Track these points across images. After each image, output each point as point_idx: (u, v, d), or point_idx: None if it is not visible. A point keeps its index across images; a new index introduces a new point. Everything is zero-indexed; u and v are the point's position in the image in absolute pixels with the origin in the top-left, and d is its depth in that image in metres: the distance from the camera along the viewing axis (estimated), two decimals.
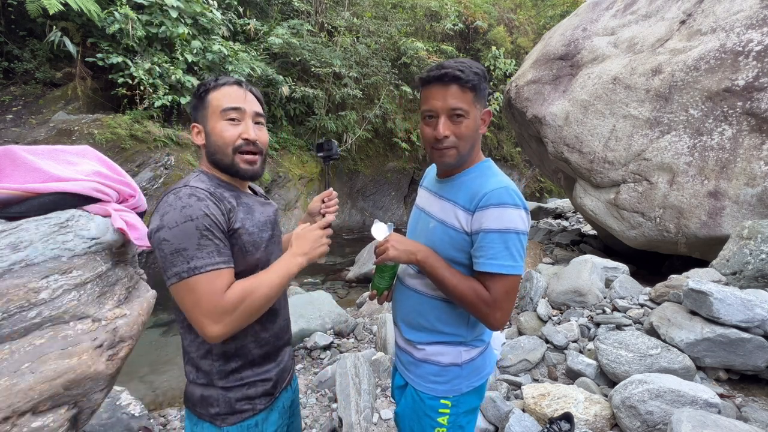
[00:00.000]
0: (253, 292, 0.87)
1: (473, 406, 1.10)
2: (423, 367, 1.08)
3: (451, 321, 1.05)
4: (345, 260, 6.91)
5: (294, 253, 0.98)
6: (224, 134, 0.95)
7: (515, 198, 0.93)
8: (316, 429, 2.27)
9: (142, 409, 2.21)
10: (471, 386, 1.06)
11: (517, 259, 0.93)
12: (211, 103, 0.96)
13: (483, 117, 0.99)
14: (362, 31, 10.24)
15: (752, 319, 2.04)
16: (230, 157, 0.96)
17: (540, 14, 16.37)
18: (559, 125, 4.25)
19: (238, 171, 0.98)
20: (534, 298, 3.32)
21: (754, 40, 3.25)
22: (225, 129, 0.95)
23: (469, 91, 0.93)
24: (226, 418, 0.95)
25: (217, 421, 0.95)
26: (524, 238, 0.94)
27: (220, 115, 0.95)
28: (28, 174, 1.24)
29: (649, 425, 1.75)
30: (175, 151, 6.35)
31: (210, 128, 0.97)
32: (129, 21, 5.87)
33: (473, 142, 0.99)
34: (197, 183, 0.92)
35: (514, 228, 0.91)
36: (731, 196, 3.18)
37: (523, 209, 0.95)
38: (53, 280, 1.15)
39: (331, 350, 3.23)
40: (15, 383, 0.99)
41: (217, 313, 0.83)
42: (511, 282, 0.93)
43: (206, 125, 0.97)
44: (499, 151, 14.58)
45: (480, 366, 1.08)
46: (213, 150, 0.97)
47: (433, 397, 1.06)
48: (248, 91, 1.00)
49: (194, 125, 1.01)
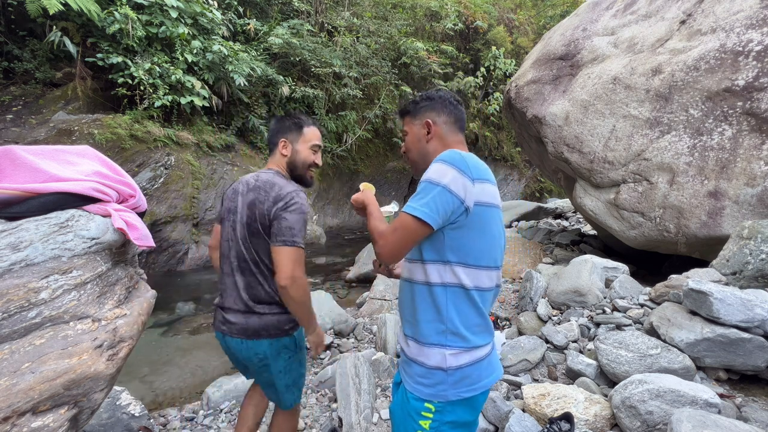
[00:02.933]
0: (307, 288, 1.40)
1: (461, 419, 1.05)
2: (412, 366, 1.07)
3: (424, 307, 1.05)
4: (345, 260, 6.91)
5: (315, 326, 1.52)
6: (308, 158, 1.54)
7: (445, 155, 1.04)
8: (316, 429, 2.27)
9: (142, 409, 2.21)
10: (459, 396, 1.01)
11: (420, 202, 1.00)
12: (305, 135, 1.53)
13: (423, 126, 1.19)
14: (362, 31, 10.24)
15: (752, 319, 2.04)
16: (304, 171, 1.55)
17: (540, 14, 16.38)
18: (559, 125, 4.25)
19: (305, 181, 1.57)
20: (534, 298, 3.32)
21: (754, 40, 3.25)
22: (309, 155, 1.54)
23: (406, 115, 1.24)
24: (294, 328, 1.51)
25: (291, 331, 1.50)
26: (435, 188, 0.99)
27: (310, 146, 1.53)
28: (28, 174, 1.24)
29: (649, 425, 1.75)
30: (175, 151, 6.35)
31: (298, 149, 1.52)
32: (129, 21, 5.87)
33: (420, 149, 1.20)
34: (294, 186, 1.44)
35: (429, 178, 1.02)
36: (731, 196, 3.18)
37: (448, 164, 1.01)
38: (53, 280, 1.15)
39: (331, 350, 3.23)
40: (15, 383, 0.99)
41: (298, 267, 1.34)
42: (404, 220, 1.01)
43: (296, 145, 1.52)
44: (499, 151, 14.58)
45: (471, 375, 1.03)
46: (295, 163, 1.53)
47: (417, 398, 1.04)
48: None
49: (284, 140, 1.52)
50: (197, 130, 6.99)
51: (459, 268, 1.03)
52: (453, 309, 1.03)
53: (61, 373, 1.06)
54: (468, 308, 1.04)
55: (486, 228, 1.04)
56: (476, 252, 1.03)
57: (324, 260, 6.98)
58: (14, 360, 1.03)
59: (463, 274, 1.03)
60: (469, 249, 1.03)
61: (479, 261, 1.04)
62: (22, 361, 1.03)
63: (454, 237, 1.02)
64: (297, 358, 1.56)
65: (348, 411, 2.17)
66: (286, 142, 1.51)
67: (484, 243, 1.05)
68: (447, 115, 1.19)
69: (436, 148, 1.16)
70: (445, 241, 1.02)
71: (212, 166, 6.96)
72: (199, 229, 6.53)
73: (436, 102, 1.19)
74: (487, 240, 1.05)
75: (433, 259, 1.04)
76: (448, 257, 1.03)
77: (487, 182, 1.05)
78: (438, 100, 1.20)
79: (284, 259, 1.30)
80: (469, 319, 1.04)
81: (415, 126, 1.21)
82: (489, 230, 1.05)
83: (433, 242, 1.04)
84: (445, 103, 1.19)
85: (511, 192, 15.04)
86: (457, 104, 1.21)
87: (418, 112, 1.21)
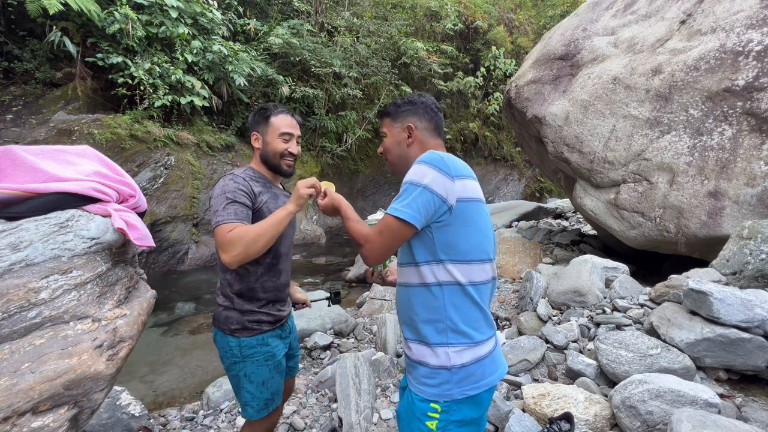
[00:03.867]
0: (248, 231, 1.24)
1: (467, 417, 1.05)
2: (416, 368, 1.08)
3: (423, 309, 1.06)
4: (345, 260, 6.91)
5: (285, 206, 1.32)
6: (277, 148, 1.47)
7: (424, 157, 1.05)
8: (316, 429, 2.27)
9: (142, 409, 2.21)
10: (464, 394, 1.02)
11: (402, 203, 1.01)
12: (272, 124, 1.47)
13: (404, 130, 1.20)
14: (362, 31, 10.24)
15: (752, 319, 2.04)
16: (277, 161, 1.48)
17: (540, 14, 16.37)
18: (559, 125, 4.25)
19: (282, 171, 1.50)
20: (534, 298, 3.32)
21: (754, 40, 3.25)
22: (278, 145, 1.47)
23: (386, 117, 1.24)
24: (241, 332, 1.42)
25: (237, 334, 1.42)
26: (416, 189, 1.01)
27: (278, 135, 1.46)
28: (28, 174, 1.24)
29: (649, 425, 1.75)
30: (175, 151, 6.35)
31: (268, 140, 1.47)
32: (129, 21, 5.87)
33: (400, 153, 1.21)
34: (239, 172, 1.42)
35: (410, 179, 1.03)
36: (731, 196, 3.18)
37: (428, 164, 1.02)
38: (53, 280, 1.15)
39: (331, 350, 3.23)
40: (15, 383, 0.99)
41: (225, 244, 1.23)
42: (388, 221, 1.03)
43: (265, 137, 1.48)
44: (499, 151, 14.58)
45: (475, 373, 1.04)
46: (266, 154, 1.48)
47: (423, 399, 1.04)
48: (295, 120, 1.53)
49: (255, 133, 1.50)
50: (197, 130, 6.99)
51: (451, 266, 1.04)
52: (451, 306, 1.04)
53: (61, 373, 1.06)
54: (466, 304, 1.05)
55: (472, 222, 1.06)
56: (466, 247, 1.05)
57: (324, 260, 6.98)
58: (14, 360, 1.03)
59: (456, 270, 1.04)
60: (459, 245, 1.04)
61: (470, 256, 1.06)
62: (22, 361, 1.03)
63: (442, 235, 1.03)
64: (243, 371, 1.43)
65: (348, 411, 2.17)
66: (257, 135, 1.50)
67: (472, 238, 1.06)
68: (428, 121, 1.20)
69: (416, 152, 1.17)
70: (435, 241, 1.03)
71: (212, 166, 6.96)
72: (199, 229, 6.53)
73: (418, 107, 1.20)
74: (475, 234, 1.06)
75: (426, 259, 1.05)
76: (439, 256, 1.04)
77: (467, 178, 1.07)
78: (420, 106, 1.21)
79: (216, 240, 1.26)
80: (468, 314, 1.05)
81: (395, 129, 1.22)
82: (475, 224, 1.07)
83: (424, 243, 1.05)
84: (427, 109, 1.21)
85: (511, 192, 15.04)
86: (438, 111, 1.23)
87: (399, 115, 1.22)
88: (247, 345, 1.42)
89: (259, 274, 1.44)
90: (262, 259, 1.43)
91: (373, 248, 1.05)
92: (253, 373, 1.43)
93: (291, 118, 1.50)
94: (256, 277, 1.44)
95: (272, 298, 1.49)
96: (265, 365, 1.45)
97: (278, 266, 1.50)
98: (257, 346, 1.43)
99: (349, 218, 1.15)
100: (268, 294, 1.48)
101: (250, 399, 1.45)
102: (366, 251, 1.07)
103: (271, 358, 1.46)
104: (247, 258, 1.24)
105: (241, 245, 1.21)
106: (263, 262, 1.45)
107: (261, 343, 1.44)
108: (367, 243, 1.06)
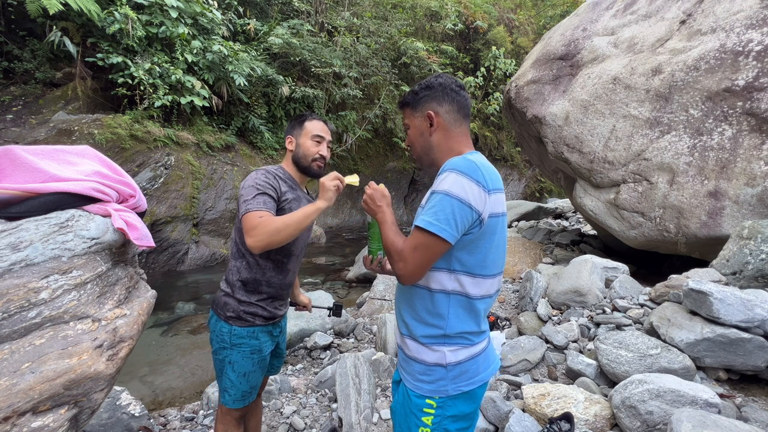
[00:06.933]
0: (276, 220, 1.31)
1: (462, 412, 1.06)
2: (412, 364, 1.08)
3: (424, 310, 1.05)
4: (345, 260, 6.91)
5: (314, 202, 1.38)
6: (309, 150, 1.56)
7: (461, 165, 0.97)
8: (316, 429, 2.27)
9: (142, 409, 2.21)
10: (459, 390, 1.03)
11: (437, 216, 0.94)
12: (306, 128, 1.57)
13: (425, 118, 1.12)
14: (362, 31, 10.24)
15: (752, 319, 2.04)
16: (308, 163, 1.56)
17: (540, 14, 16.38)
18: (559, 125, 4.25)
19: (312, 172, 1.58)
20: (534, 298, 3.32)
21: (754, 40, 3.25)
22: (310, 147, 1.56)
23: (406, 107, 1.16)
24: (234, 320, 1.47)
25: (230, 322, 1.47)
26: (455, 203, 0.94)
27: (311, 137, 1.56)
28: (28, 174, 1.24)
29: (649, 425, 1.75)
30: (175, 151, 6.35)
31: (300, 142, 1.56)
32: (129, 21, 5.87)
33: (423, 143, 1.13)
34: (271, 169, 1.50)
35: (446, 190, 0.95)
36: (731, 196, 3.18)
37: (467, 176, 0.95)
38: (53, 280, 1.15)
39: (331, 350, 3.23)
40: (15, 383, 0.99)
41: (252, 229, 1.28)
42: (422, 237, 0.96)
43: (298, 139, 1.56)
44: (499, 151, 14.59)
45: (469, 370, 1.04)
46: (298, 155, 1.56)
47: (419, 395, 1.05)
48: (328, 126, 1.62)
49: (289, 137, 1.60)
50: (197, 130, 6.99)
51: (465, 278, 1.01)
52: (454, 316, 1.03)
53: (61, 373, 1.06)
54: (469, 314, 1.04)
55: (494, 237, 1.02)
56: (484, 262, 1.02)
57: (324, 260, 6.98)
58: (14, 360, 1.03)
59: (468, 283, 1.01)
60: (478, 259, 1.01)
61: (486, 270, 1.03)
62: (22, 361, 1.03)
63: (464, 247, 1.00)
64: (228, 358, 1.48)
65: (348, 411, 2.17)
66: (291, 138, 1.58)
67: (493, 252, 1.03)
68: (449, 104, 1.10)
69: (440, 140, 1.11)
70: (453, 251, 1.00)
71: (212, 166, 6.96)
72: (199, 229, 6.54)
73: (436, 90, 1.11)
74: (495, 249, 1.04)
75: (439, 266, 1.02)
76: (454, 266, 1.01)
77: (499, 192, 1.03)
78: (438, 88, 1.10)
79: (244, 226, 1.32)
80: (469, 322, 1.05)
81: (416, 119, 1.13)
82: (497, 239, 1.04)
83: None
84: (446, 90, 1.10)
85: (511, 192, 15.05)
86: (459, 89, 1.12)
87: (418, 103, 1.13)
88: (238, 334, 1.47)
89: (267, 269, 1.49)
90: (274, 255, 1.49)
91: (408, 267, 0.97)
92: (237, 363, 1.48)
93: (324, 124, 1.60)
94: (264, 270, 1.49)
95: (273, 295, 1.53)
96: (250, 358, 1.49)
97: (287, 265, 1.55)
98: (247, 337, 1.48)
99: (386, 222, 1.08)
100: (270, 290, 1.52)
101: (230, 386, 1.49)
102: (400, 270, 0.98)
103: (257, 352, 1.50)
104: (270, 245, 1.29)
105: (267, 232, 1.27)
106: (274, 258, 1.49)
107: (251, 336, 1.48)
108: (401, 261, 0.98)
